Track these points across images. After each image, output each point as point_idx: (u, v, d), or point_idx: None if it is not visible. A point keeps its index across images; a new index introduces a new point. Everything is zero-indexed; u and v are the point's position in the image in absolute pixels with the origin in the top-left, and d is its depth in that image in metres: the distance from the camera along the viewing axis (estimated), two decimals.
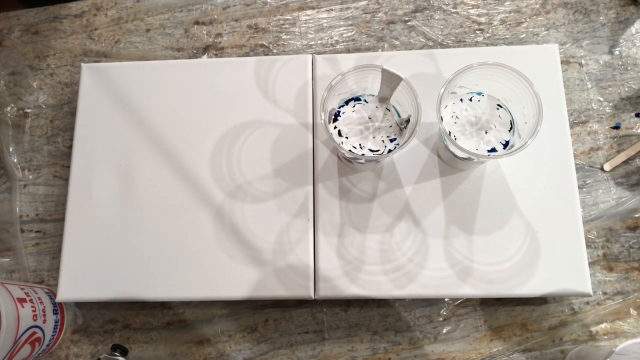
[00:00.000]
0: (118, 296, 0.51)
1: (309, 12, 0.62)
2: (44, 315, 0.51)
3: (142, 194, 0.53)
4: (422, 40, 0.60)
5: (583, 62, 0.58)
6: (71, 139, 0.56)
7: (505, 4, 0.60)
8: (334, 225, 0.51)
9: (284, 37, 0.61)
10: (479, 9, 0.60)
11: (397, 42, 0.60)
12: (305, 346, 0.53)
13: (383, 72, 0.44)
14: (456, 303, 0.53)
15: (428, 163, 0.52)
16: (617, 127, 0.56)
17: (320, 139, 0.53)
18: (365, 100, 0.49)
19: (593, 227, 0.54)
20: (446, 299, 0.53)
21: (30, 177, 0.59)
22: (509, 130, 0.47)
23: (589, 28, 0.59)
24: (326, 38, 0.61)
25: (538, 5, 0.60)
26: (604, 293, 0.52)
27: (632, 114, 0.56)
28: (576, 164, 0.54)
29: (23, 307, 0.49)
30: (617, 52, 0.58)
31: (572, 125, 0.56)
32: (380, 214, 0.51)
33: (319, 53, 0.57)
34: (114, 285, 0.51)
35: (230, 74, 0.56)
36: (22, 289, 0.51)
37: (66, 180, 0.57)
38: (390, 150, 0.47)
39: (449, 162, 0.51)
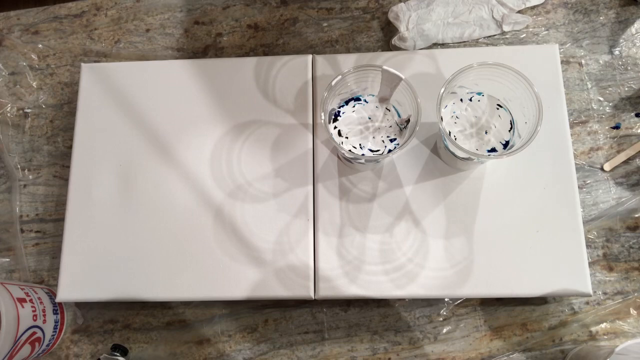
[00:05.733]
0: (118, 296, 0.51)
1: (309, 12, 0.62)
2: (44, 315, 0.51)
3: (142, 194, 0.53)
4: None
5: (583, 62, 0.58)
6: (71, 139, 0.56)
7: None
8: (334, 225, 0.51)
9: (284, 37, 0.61)
10: None
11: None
12: (305, 346, 0.53)
13: (383, 72, 0.44)
14: (456, 303, 0.53)
15: (428, 163, 0.52)
16: (617, 127, 0.56)
17: (320, 139, 0.53)
18: (365, 100, 0.49)
19: (593, 227, 0.54)
20: (446, 299, 0.53)
21: (30, 177, 0.59)
22: (509, 130, 0.47)
23: (589, 28, 0.59)
24: (326, 38, 0.61)
25: (538, 5, 0.60)
26: (604, 293, 0.52)
27: (632, 114, 0.56)
28: (576, 164, 0.54)
29: (23, 307, 0.49)
30: (617, 52, 0.58)
31: (572, 125, 0.56)
32: (380, 214, 0.51)
33: (319, 53, 0.57)
34: (114, 285, 0.51)
35: (230, 74, 0.56)
36: (22, 289, 0.51)
37: (66, 180, 0.57)
38: (390, 150, 0.47)
39: (449, 162, 0.51)
